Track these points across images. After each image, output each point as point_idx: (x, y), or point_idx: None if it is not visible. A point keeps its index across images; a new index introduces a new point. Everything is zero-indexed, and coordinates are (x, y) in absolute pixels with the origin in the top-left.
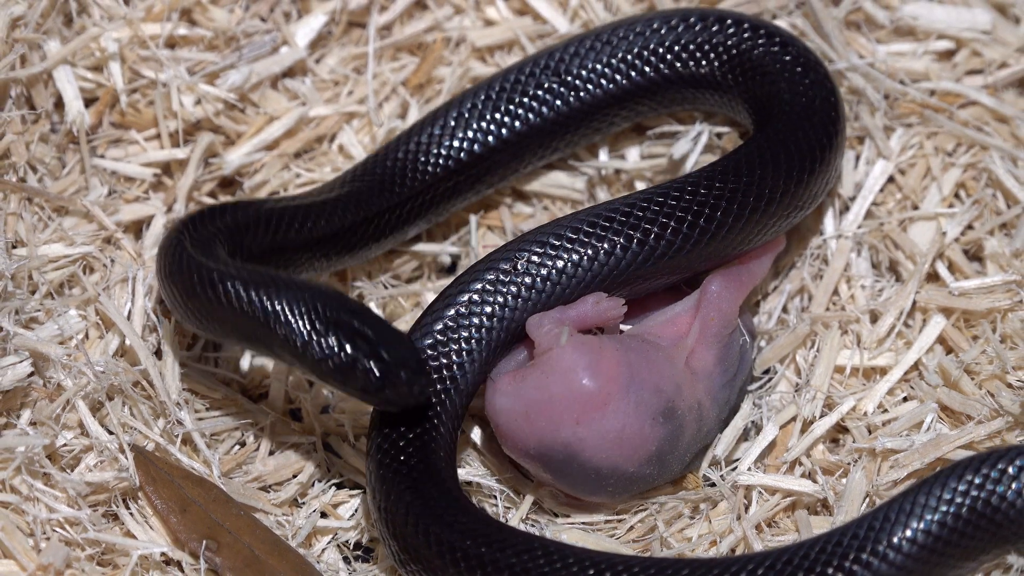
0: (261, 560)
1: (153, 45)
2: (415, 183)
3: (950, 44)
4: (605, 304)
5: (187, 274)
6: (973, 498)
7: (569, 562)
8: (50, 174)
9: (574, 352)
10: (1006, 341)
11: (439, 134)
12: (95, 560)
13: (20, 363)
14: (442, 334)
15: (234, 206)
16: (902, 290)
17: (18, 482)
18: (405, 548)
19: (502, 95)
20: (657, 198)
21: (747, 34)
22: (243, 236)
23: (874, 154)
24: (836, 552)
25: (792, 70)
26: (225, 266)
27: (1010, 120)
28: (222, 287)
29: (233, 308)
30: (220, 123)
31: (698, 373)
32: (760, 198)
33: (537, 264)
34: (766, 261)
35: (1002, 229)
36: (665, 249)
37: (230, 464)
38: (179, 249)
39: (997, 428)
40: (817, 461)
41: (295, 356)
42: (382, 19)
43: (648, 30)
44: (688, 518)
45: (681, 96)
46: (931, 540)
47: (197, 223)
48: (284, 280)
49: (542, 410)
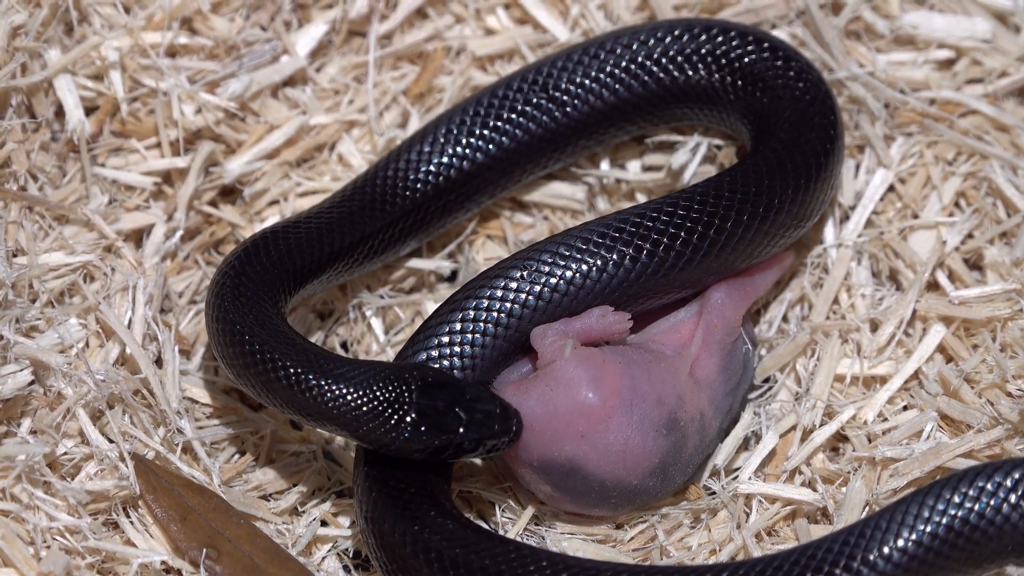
0: (261, 568)
1: (154, 54)
2: (405, 201)
3: (950, 53)
4: (611, 318)
5: (248, 356)
6: (967, 510)
7: (558, 569)
8: (51, 183)
9: (578, 366)
10: (1006, 350)
11: (428, 151)
12: (95, 568)
13: (20, 371)
14: (446, 337)
15: (271, 240)
16: (902, 299)
17: (18, 490)
18: (393, 559)
19: (490, 111)
20: (667, 209)
21: (750, 47)
22: (288, 271)
23: (874, 163)
24: (827, 559)
25: (792, 83)
26: (292, 348)
27: (1010, 129)
28: (283, 373)
29: (295, 393)
30: (220, 132)
31: (701, 382)
32: (769, 208)
33: (546, 273)
34: (772, 275)
35: (1002, 238)
36: (675, 260)
37: (230, 473)
38: (239, 334)
39: (997, 437)
40: (817, 470)
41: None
42: (382, 28)
43: (641, 42)
44: (688, 527)
45: (677, 110)
46: (922, 551)
47: (242, 275)
48: (344, 361)
49: (546, 423)
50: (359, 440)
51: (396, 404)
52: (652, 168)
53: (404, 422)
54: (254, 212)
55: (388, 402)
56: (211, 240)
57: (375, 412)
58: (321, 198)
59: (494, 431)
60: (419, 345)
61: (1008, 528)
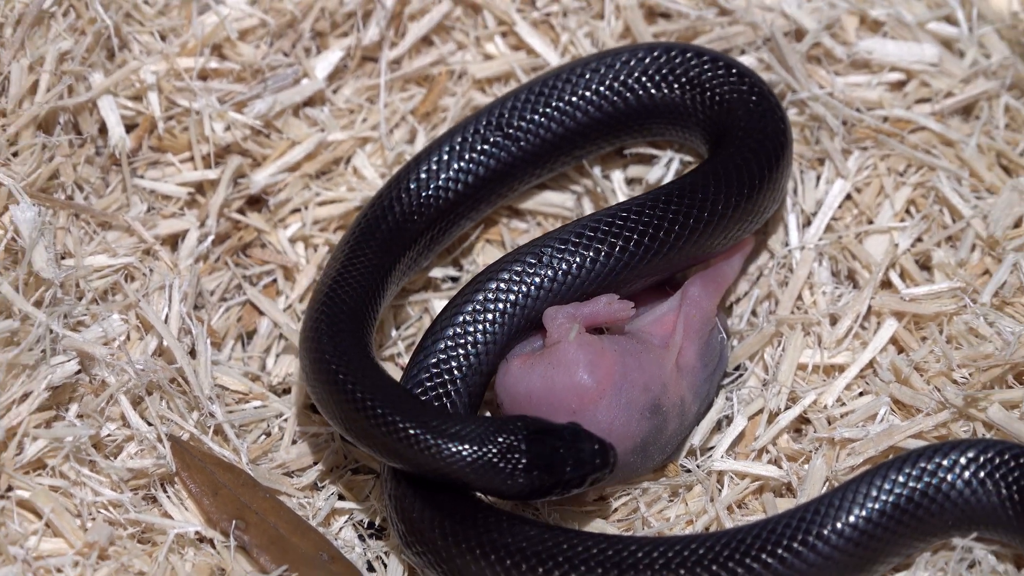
0: (285, 538)
1: (187, 77)
2: (427, 214)
3: (901, 76)
4: (616, 305)
5: (361, 413)
6: (916, 487)
7: (573, 543)
8: (95, 193)
9: (579, 349)
10: (951, 342)
11: (436, 168)
12: (135, 538)
13: (68, 362)
14: (469, 315)
15: (346, 283)
16: (859, 296)
17: (67, 468)
18: (411, 531)
19: (488, 129)
20: (648, 206)
21: (707, 66)
22: (369, 311)
23: (833, 174)
24: (785, 533)
25: (747, 99)
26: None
27: (955, 144)
28: (391, 423)
29: (395, 439)
30: (247, 147)
31: (683, 368)
32: (727, 206)
33: (559, 259)
34: (736, 262)
35: (948, 241)
36: (659, 249)
37: (257, 452)
38: (350, 392)
39: (943, 419)
40: (782, 449)
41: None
42: (392, 54)
43: (607, 66)
44: (667, 500)
45: (652, 125)
46: (872, 524)
47: (334, 327)
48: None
49: (543, 397)
50: (471, 488)
51: (509, 454)
52: (633, 181)
53: (518, 469)
54: (278, 219)
55: (502, 454)
56: (239, 244)
57: (491, 464)
58: (338, 207)
59: (595, 465)
60: (436, 335)
61: (951, 504)
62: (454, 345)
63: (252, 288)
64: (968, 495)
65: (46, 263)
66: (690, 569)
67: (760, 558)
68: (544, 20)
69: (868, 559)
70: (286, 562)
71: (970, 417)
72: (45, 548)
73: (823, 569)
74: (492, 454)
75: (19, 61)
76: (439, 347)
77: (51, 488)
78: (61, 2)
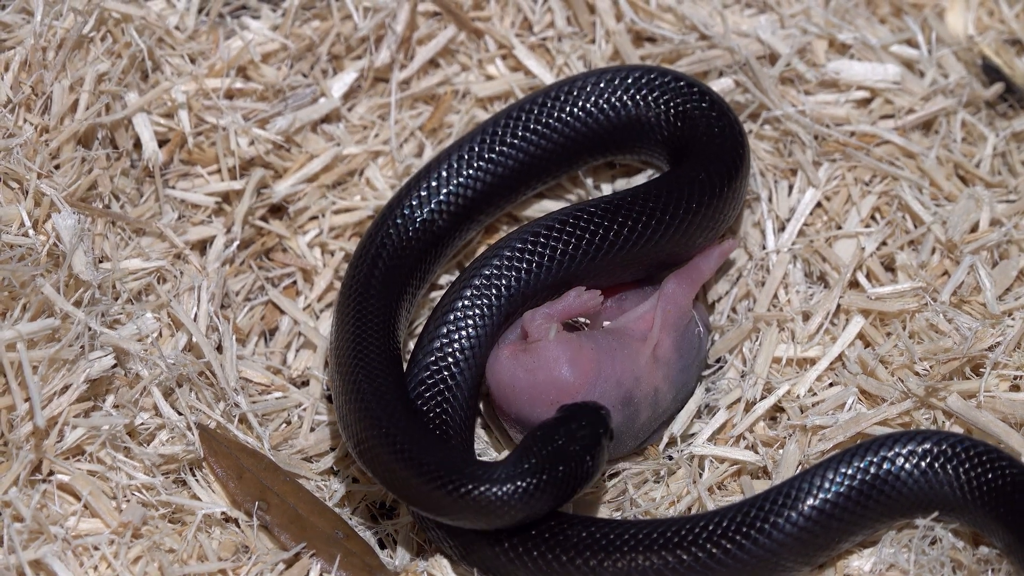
0: (304, 517)
1: (215, 96)
2: (434, 229)
3: (867, 94)
4: (585, 296)
5: (410, 471)
6: (879, 472)
7: (574, 525)
8: (130, 202)
9: (558, 347)
10: (914, 337)
11: (439, 183)
12: (167, 519)
13: (105, 356)
14: (459, 311)
15: (377, 319)
16: (829, 295)
17: (103, 454)
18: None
19: (491, 144)
20: (617, 201)
21: (671, 84)
22: (399, 333)
23: (805, 184)
24: (757, 515)
25: (708, 115)
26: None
27: (916, 156)
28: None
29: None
30: (269, 160)
31: (660, 359)
32: (688, 211)
33: (525, 256)
34: (712, 263)
35: (910, 245)
36: (634, 240)
37: (278, 439)
38: (402, 452)
39: (906, 408)
40: (758, 435)
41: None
42: (402, 75)
43: (581, 89)
44: (653, 482)
45: (618, 140)
46: (839, 506)
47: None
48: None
49: (526, 388)
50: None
51: (532, 476)
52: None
53: (540, 488)
54: (297, 226)
55: (526, 486)
56: (262, 248)
57: (517, 497)
58: (352, 215)
59: (599, 434)
60: (438, 320)
61: (908, 488)
62: (443, 355)
63: (274, 289)
64: (923, 481)
65: (85, 266)
66: (671, 550)
67: (735, 539)
68: (540, 44)
69: (834, 536)
70: (305, 539)
71: (931, 406)
72: (83, 527)
73: (794, 545)
74: (517, 486)
75: (60, 82)
76: (429, 360)
77: (89, 472)
78: (99, 28)
